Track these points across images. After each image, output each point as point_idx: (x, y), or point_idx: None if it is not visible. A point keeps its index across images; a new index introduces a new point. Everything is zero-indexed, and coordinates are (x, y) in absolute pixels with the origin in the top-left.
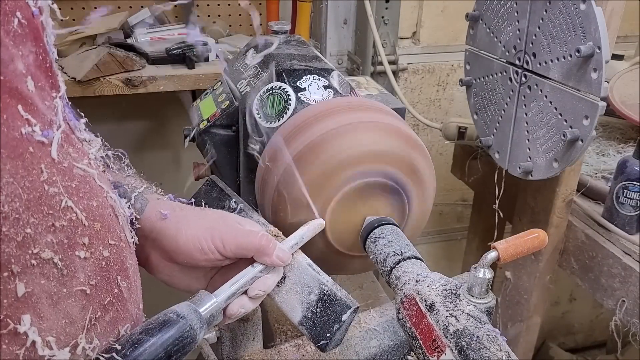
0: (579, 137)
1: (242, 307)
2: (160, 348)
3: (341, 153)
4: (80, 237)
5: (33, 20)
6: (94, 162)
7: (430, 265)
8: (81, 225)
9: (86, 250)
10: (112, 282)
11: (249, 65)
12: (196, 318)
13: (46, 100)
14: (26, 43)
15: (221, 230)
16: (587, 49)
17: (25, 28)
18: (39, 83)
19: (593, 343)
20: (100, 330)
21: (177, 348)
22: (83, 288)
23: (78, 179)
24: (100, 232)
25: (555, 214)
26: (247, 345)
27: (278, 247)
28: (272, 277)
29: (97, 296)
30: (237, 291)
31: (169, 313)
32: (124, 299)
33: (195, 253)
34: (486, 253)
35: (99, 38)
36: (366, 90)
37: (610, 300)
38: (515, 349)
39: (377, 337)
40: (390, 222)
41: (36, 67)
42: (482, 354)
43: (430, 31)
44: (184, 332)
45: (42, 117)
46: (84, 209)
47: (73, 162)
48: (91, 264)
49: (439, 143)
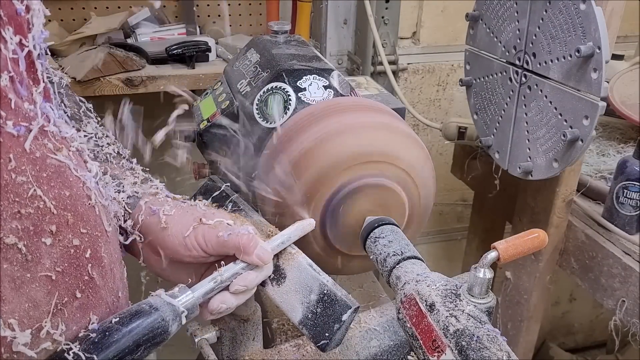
0: (579, 137)
1: (223, 303)
2: (130, 338)
3: (341, 153)
4: (47, 224)
5: (16, 18)
6: (74, 154)
7: (430, 265)
8: (49, 213)
9: (53, 237)
10: (82, 270)
11: (249, 65)
12: (169, 310)
13: (24, 95)
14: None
15: (204, 227)
16: (587, 49)
17: (6, 25)
18: (18, 78)
19: (593, 343)
20: (68, 315)
21: (146, 338)
22: (48, 274)
23: (51, 169)
24: (71, 221)
25: (555, 214)
26: (247, 345)
27: (260, 246)
28: (255, 274)
29: (64, 282)
30: (217, 286)
31: (143, 304)
32: (97, 286)
33: (179, 249)
34: (486, 253)
35: (99, 38)
36: (366, 90)
37: (610, 300)
38: (515, 349)
39: (377, 337)
40: (390, 222)
41: (15, 62)
42: (482, 354)
43: (430, 31)
44: (155, 324)
45: (16, 110)
46: (54, 198)
47: (47, 153)
48: (58, 251)
49: (439, 143)
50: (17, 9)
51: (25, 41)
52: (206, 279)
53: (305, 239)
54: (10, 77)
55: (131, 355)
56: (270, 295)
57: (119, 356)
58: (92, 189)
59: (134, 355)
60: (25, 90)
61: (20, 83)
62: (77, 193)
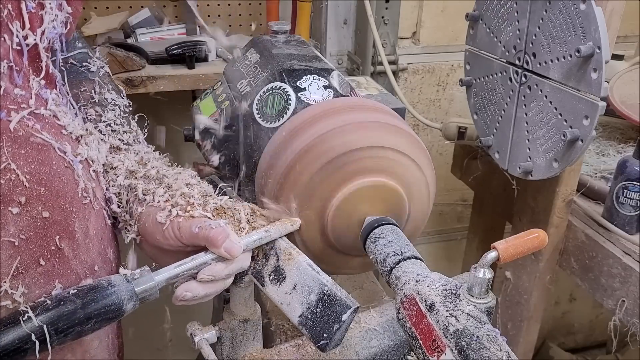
0: (579, 137)
1: (188, 291)
2: (82, 310)
3: (341, 153)
4: (17, 195)
5: (25, 14)
6: (66, 136)
7: (430, 265)
8: (20, 186)
9: (21, 207)
10: (50, 240)
11: (249, 65)
12: (126, 290)
13: (18, 82)
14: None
15: (181, 218)
16: (587, 49)
17: (14, 20)
18: (16, 67)
19: (593, 343)
20: (30, 279)
21: (98, 313)
22: (12, 240)
23: (33, 147)
24: (44, 195)
25: (555, 214)
26: (247, 345)
27: (229, 239)
28: (223, 265)
29: (27, 249)
30: (181, 273)
31: (103, 280)
32: (65, 257)
33: (158, 237)
34: (486, 253)
35: (99, 38)
36: (366, 90)
37: (610, 300)
38: (515, 349)
39: (377, 337)
40: (390, 222)
41: (17, 53)
42: (482, 354)
43: (430, 31)
44: (109, 301)
45: (5, 97)
46: (29, 172)
47: (33, 132)
48: (25, 221)
49: (439, 143)
50: (27, 5)
51: (33, 35)
52: (172, 265)
53: (306, 239)
54: (9, 66)
55: (80, 327)
56: (270, 295)
57: (68, 325)
58: (76, 169)
59: (83, 327)
60: (22, 78)
61: (18, 72)
62: (57, 170)
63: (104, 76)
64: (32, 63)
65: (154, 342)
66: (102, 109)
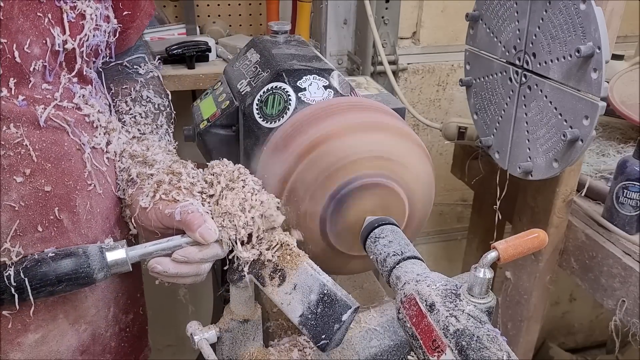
0: (579, 137)
1: (158, 264)
2: (54, 272)
3: (341, 153)
4: (24, 167)
5: (65, 22)
6: (85, 124)
7: (430, 265)
8: (28, 159)
9: (25, 178)
10: (49, 211)
11: (249, 65)
12: (98, 259)
13: (49, 79)
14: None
15: (163, 202)
16: (587, 49)
17: (54, 26)
18: (49, 67)
19: (593, 343)
20: (27, 242)
21: (68, 277)
22: (12, 204)
23: (48, 130)
24: (49, 170)
25: (555, 214)
26: (247, 345)
27: (205, 225)
28: (197, 249)
29: (26, 215)
30: (155, 252)
31: (80, 248)
32: (64, 227)
33: (142, 218)
34: (486, 253)
35: None
36: (366, 90)
37: (610, 300)
38: (515, 349)
39: (377, 337)
40: (390, 222)
41: (52, 53)
42: (482, 354)
43: (430, 31)
44: (80, 267)
45: (33, 89)
46: (39, 149)
47: (50, 117)
48: (28, 190)
49: (439, 143)
50: (67, 15)
51: (72, 40)
52: (149, 243)
53: (305, 239)
54: (43, 65)
55: (52, 287)
56: (270, 295)
57: (41, 284)
58: (86, 152)
59: (55, 287)
60: (53, 76)
61: (50, 71)
62: (68, 151)
63: (151, 79)
64: (68, 64)
65: (154, 343)
66: (134, 104)
